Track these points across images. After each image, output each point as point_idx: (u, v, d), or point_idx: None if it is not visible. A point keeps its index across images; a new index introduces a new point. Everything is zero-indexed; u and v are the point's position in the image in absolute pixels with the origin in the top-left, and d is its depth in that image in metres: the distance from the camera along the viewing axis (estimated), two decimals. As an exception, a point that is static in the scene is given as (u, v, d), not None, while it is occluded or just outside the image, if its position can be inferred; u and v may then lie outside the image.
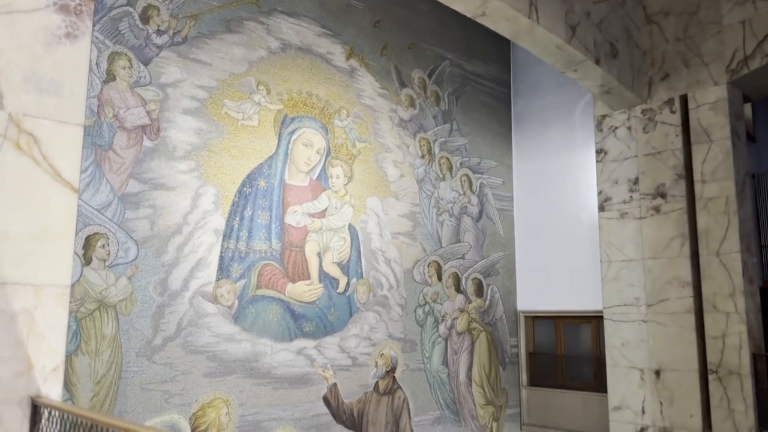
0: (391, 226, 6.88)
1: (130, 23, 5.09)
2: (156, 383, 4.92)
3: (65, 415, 1.77)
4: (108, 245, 4.73)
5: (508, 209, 8.39)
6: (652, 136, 6.63)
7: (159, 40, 5.22)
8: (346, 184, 6.52)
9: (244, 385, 5.45)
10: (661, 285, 6.36)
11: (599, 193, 6.99)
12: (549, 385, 7.98)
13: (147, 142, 5.06)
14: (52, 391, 1.99)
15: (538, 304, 8.13)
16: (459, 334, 7.44)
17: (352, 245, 6.47)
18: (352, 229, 6.50)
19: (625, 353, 6.54)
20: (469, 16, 5.13)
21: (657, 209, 6.49)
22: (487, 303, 7.85)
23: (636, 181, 6.69)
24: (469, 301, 7.61)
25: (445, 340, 7.27)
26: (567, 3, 5.68)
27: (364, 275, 6.52)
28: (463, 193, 7.78)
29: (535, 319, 8.28)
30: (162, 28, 5.24)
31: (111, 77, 4.93)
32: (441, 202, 7.49)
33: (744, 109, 6.73)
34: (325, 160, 6.38)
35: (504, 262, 8.20)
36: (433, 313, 7.17)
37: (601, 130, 7.07)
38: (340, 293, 6.28)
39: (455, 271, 7.51)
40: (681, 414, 6.04)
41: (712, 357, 5.92)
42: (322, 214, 6.26)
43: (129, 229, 4.88)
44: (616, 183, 6.84)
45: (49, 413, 1.86)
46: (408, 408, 6.74)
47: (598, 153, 7.06)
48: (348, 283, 6.36)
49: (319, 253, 6.15)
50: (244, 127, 5.76)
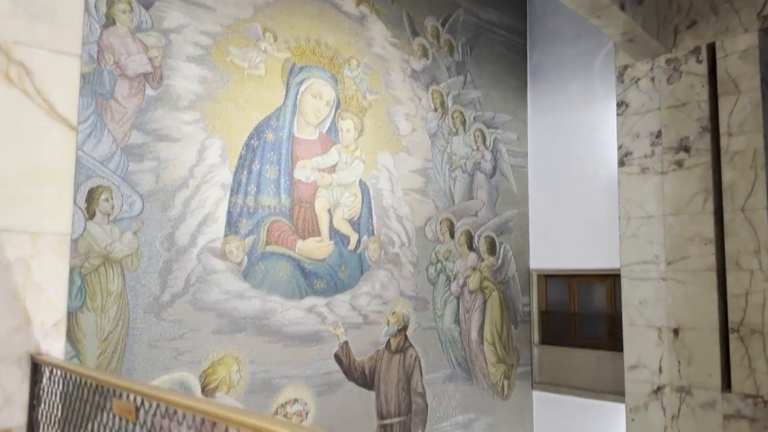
0: (402, 182, 6.66)
1: (128, -36, 4.80)
2: (164, 340, 4.80)
3: (68, 375, 1.61)
4: (111, 199, 4.55)
5: (522, 165, 8.15)
6: (677, 87, 6.34)
7: (160, -17, 4.93)
8: (357, 138, 6.28)
9: (255, 342, 5.34)
10: (682, 242, 6.16)
11: (619, 147, 6.73)
12: (561, 343, 7.88)
13: (150, 91, 4.83)
14: (54, 347, 1.83)
15: (551, 262, 7.97)
16: (471, 292, 7.30)
17: (363, 202, 6.27)
18: (362, 185, 6.29)
19: (643, 312, 6.39)
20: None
21: (680, 164, 6.24)
22: (499, 261, 7.69)
23: (658, 134, 6.42)
24: (482, 260, 7.45)
25: (457, 298, 7.14)
26: (592, -58, 5.34)
27: (376, 232, 6.35)
28: (477, 149, 7.54)
29: (548, 278, 8.13)
30: (163, -30, 4.94)
31: (110, 21, 4.66)
32: (454, 157, 7.25)
33: None
34: (335, 113, 6.13)
35: (517, 220, 8.00)
36: (445, 272, 7.02)
37: (622, 82, 6.77)
38: (351, 250, 6.11)
39: (468, 229, 7.33)
40: (699, 373, 5.92)
41: (733, 316, 5.76)
42: (332, 170, 6.05)
43: (133, 183, 4.69)
44: (638, 137, 6.58)
45: (51, 372, 1.69)
46: (420, 366, 6.64)
47: (619, 106, 6.78)
48: (359, 241, 6.18)
49: (329, 210, 5.96)
50: (250, 76, 5.51)
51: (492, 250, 7.59)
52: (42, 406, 1.75)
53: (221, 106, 5.28)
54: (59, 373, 1.65)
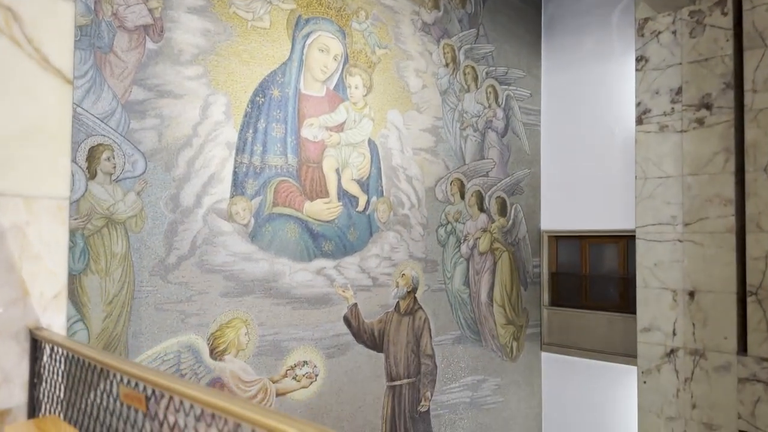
0: (412, 141, 6.46)
1: None
2: (171, 303, 4.69)
3: (71, 354, 1.47)
4: (113, 158, 4.37)
5: (534, 124, 7.91)
6: (700, 41, 6.06)
7: (158, -72, 4.64)
8: (366, 95, 6.05)
9: (263, 305, 5.23)
10: (700, 203, 5.99)
11: (637, 104, 6.49)
12: (571, 305, 7.79)
13: (150, 45, 4.59)
14: (55, 320, 1.69)
15: (563, 223, 7.81)
16: (481, 254, 7.17)
17: (372, 161, 6.08)
18: (371, 144, 6.09)
19: (658, 274, 6.26)
20: None
21: (701, 122, 6.02)
22: (510, 222, 7.53)
23: (679, 91, 6.17)
24: (492, 221, 7.30)
25: (467, 260, 7.01)
26: None
27: (385, 193, 6.18)
28: (489, 106, 7.30)
29: (559, 239, 7.99)
30: None
31: (106, -31, 4.40)
32: (465, 115, 7.02)
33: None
34: (343, 68, 5.88)
35: (528, 180, 7.81)
36: (455, 233, 6.87)
37: (642, 36, 6.48)
38: (360, 212, 5.95)
39: (478, 189, 7.15)
40: (715, 336, 5.82)
41: (752, 278, 5.62)
42: (340, 128, 5.84)
43: (135, 141, 4.50)
44: (657, 93, 6.33)
45: (52, 350, 1.55)
46: (429, 328, 6.56)
47: (638, 61, 6.50)
48: (368, 202, 6.02)
49: (337, 170, 5.78)
50: (254, 29, 5.25)
51: (503, 211, 7.42)
52: (43, 384, 1.62)
53: (225, 60, 5.04)
54: (61, 351, 1.51)
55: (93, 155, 4.29)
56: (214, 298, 4.95)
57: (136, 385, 1.19)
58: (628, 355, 6.91)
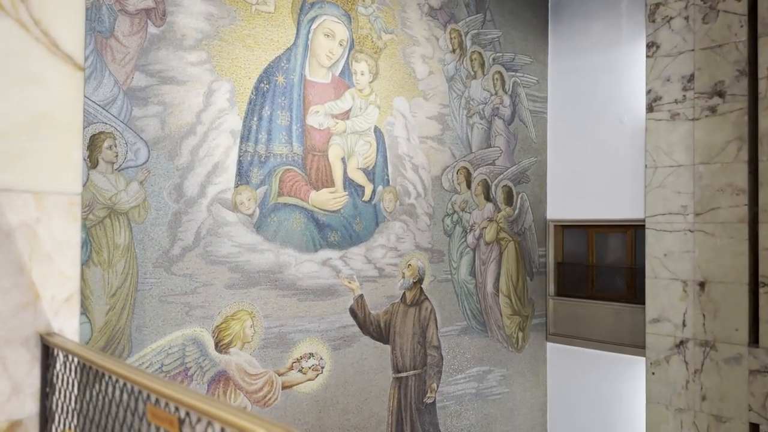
0: (419, 129, 6.33)
1: None
2: (175, 295, 4.58)
3: (87, 366, 1.35)
4: (115, 146, 4.24)
5: (541, 111, 7.78)
6: (713, 27, 5.93)
7: None
8: (371, 82, 5.91)
9: (269, 296, 5.13)
10: (712, 192, 5.89)
11: (648, 92, 6.37)
12: (577, 295, 7.71)
13: (152, 29, 4.44)
14: (67, 326, 1.57)
15: (569, 212, 7.71)
16: (487, 244, 7.07)
17: (378, 150, 5.95)
18: (377, 132, 5.96)
19: (668, 264, 6.17)
20: None
21: (713, 110, 5.90)
22: (516, 212, 7.42)
23: (691, 78, 6.05)
24: (498, 210, 7.19)
25: (473, 250, 6.91)
26: None
27: (391, 182, 6.06)
28: (495, 93, 7.16)
29: (565, 228, 7.89)
30: None
31: (106, -50, 4.24)
32: (472, 102, 6.88)
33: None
34: (349, 54, 5.74)
35: (535, 169, 7.69)
36: (461, 223, 6.77)
37: (653, 21, 6.34)
38: (366, 201, 5.84)
39: (485, 178, 7.03)
40: (725, 327, 5.75)
41: (764, 269, 5.54)
42: (346, 115, 5.70)
43: (137, 129, 4.36)
44: (668, 81, 6.21)
45: (66, 358, 1.43)
46: (435, 319, 6.48)
47: (649, 47, 6.37)
48: (374, 191, 5.90)
49: (343, 158, 5.66)
50: (258, 13, 5.10)
51: (509, 200, 7.32)
52: (56, 395, 1.51)
53: (229, 45, 4.90)
54: (75, 360, 1.40)
55: (94, 144, 4.16)
56: (219, 290, 4.84)
57: (167, 405, 1.08)
58: (636, 346, 6.84)
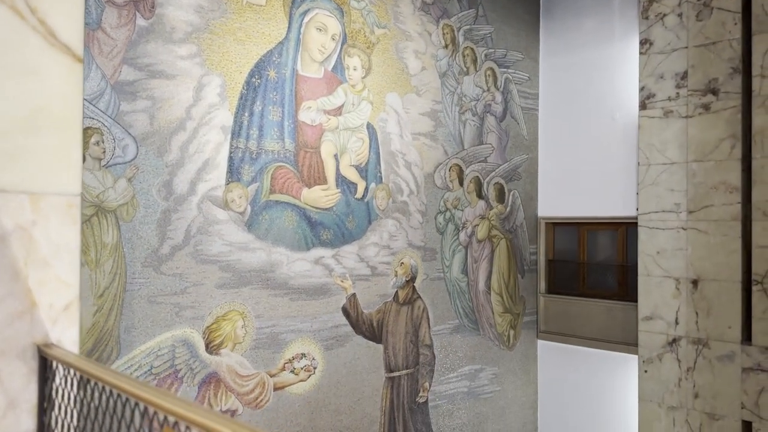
0: (411, 125, 6.24)
1: None
2: (165, 295, 4.46)
3: (88, 380, 1.25)
4: (102, 142, 4.10)
5: (533, 108, 7.73)
6: (707, 24, 5.91)
7: None
8: (364, 77, 5.81)
9: (260, 296, 5.02)
10: (705, 190, 5.88)
11: (641, 89, 6.34)
12: (568, 293, 7.68)
13: (141, 21, 4.30)
14: (66, 335, 1.46)
15: (560, 210, 7.68)
16: (479, 241, 7.01)
17: (370, 147, 5.86)
18: (370, 128, 5.86)
19: (660, 262, 6.16)
20: None
21: (707, 107, 5.89)
22: (508, 209, 7.37)
23: (684, 75, 6.03)
24: (490, 208, 7.13)
25: (466, 248, 6.85)
26: None
27: (384, 180, 5.97)
28: (488, 89, 7.10)
29: (556, 226, 7.86)
30: None
31: (93, -61, 4.09)
32: (464, 99, 6.81)
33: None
34: (341, 49, 5.63)
35: (526, 166, 7.65)
36: (453, 220, 6.70)
37: (646, 18, 6.32)
38: (359, 199, 5.74)
39: (477, 176, 6.97)
40: (718, 325, 5.75)
41: (757, 267, 5.54)
42: (339, 111, 5.60)
43: (126, 124, 4.23)
44: (662, 78, 6.19)
45: (66, 371, 1.32)
46: (427, 318, 6.41)
47: (642, 44, 6.34)
48: (366, 188, 5.81)
49: (335, 155, 5.55)
50: (249, 5, 4.98)
51: (501, 197, 7.26)
52: (55, 410, 1.41)
53: (219, 39, 4.77)
54: (76, 374, 1.29)
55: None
56: (210, 290, 4.72)
57: (176, 424, 0.99)
58: (628, 344, 6.83)
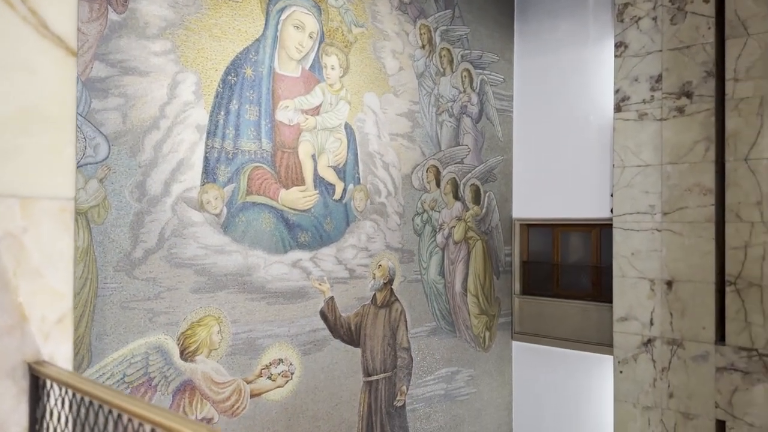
0: (389, 126, 6.17)
1: None
2: (138, 301, 4.29)
3: (83, 399, 1.13)
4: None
5: (508, 110, 7.74)
6: (681, 28, 5.99)
7: None
8: (342, 77, 5.72)
9: (237, 300, 4.88)
10: (680, 192, 5.95)
11: (616, 91, 6.39)
12: (543, 294, 7.71)
13: (113, 15, 4.13)
14: (58, 351, 1.34)
15: (535, 211, 7.70)
16: (456, 243, 6.98)
17: (348, 147, 5.77)
18: (348, 128, 5.77)
19: (635, 263, 6.21)
20: None
21: (681, 110, 5.96)
22: (483, 211, 7.36)
23: (659, 78, 6.10)
24: (467, 209, 7.11)
25: (443, 249, 6.81)
26: None
27: (362, 181, 5.88)
28: (464, 91, 7.07)
29: (531, 227, 7.88)
30: None
31: (62, -72, 3.90)
32: (441, 100, 6.77)
33: None
34: (319, 47, 5.53)
35: (501, 167, 7.65)
36: (431, 222, 6.65)
37: (621, 21, 6.37)
38: (337, 200, 5.64)
39: (453, 177, 6.93)
40: (693, 326, 5.82)
41: (731, 268, 5.63)
42: (316, 111, 5.49)
43: (97, 122, 4.04)
44: (636, 81, 6.24)
45: (63, 391, 1.20)
46: (405, 320, 6.34)
47: (617, 47, 6.40)
48: (345, 190, 5.71)
49: (313, 156, 5.44)
50: (226, 1, 4.83)
51: (477, 198, 7.25)
52: (46, 435, 1.28)
53: (195, 35, 4.62)
54: (72, 394, 1.17)
55: (49, 138, 3.82)
56: (185, 295, 4.56)
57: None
58: (602, 345, 6.89)
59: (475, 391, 7.22)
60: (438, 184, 6.72)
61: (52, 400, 1.27)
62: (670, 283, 5.98)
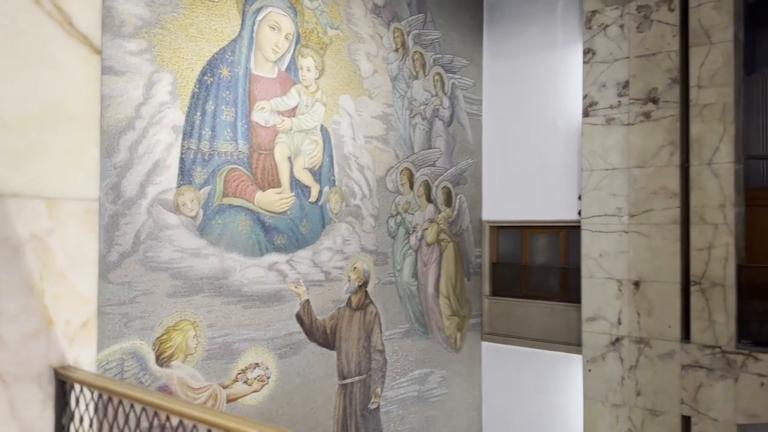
0: (364, 128, 6.17)
1: None
2: (113, 305, 4.18)
3: (122, 402, 1.10)
4: (46, 141, 3.78)
5: (477, 113, 7.84)
6: (647, 36, 6.18)
7: None
8: (318, 79, 5.70)
9: (213, 304, 4.80)
10: (646, 195, 6.14)
11: (584, 97, 6.55)
12: (512, 295, 7.83)
13: (88, 12, 4.01)
14: (83, 355, 1.29)
15: (504, 213, 7.81)
16: (429, 245, 7.02)
17: (324, 149, 5.75)
18: (324, 130, 5.75)
19: (603, 264, 6.37)
20: None
21: (647, 115, 6.15)
22: (455, 213, 7.43)
23: (626, 84, 6.28)
24: (439, 211, 7.17)
25: (416, 251, 6.85)
26: None
27: (337, 183, 5.87)
28: (436, 94, 7.13)
29: (500, 229, 8.00)
30: None
31: None
32: (414, 103, 6.81)
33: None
34: (295, 49, 5.49)
35: (472, 170, 7.74)
36: (404, 224, 6.68)
37: (590, 28, 6.53)
38: (313, 203, 5.62)
39: (426, 179, 6.98)
40: (659, 325, 6.00)
41: (695, 269, 5.83)
42: (292, 113, 5.46)
43: (71, 122, 3.92)
44: (604, 86, 6.41)
45: (99, 396, 1.15)
46: (379, 322, 6.35)
47: (586, 53, 6.56)
48: (320, 192, 5.69)
49: (289, 158, 5.41)
50: (202, 1, 4.76)
51: (448, 201, 7.31)
52: (74, 442, 1.24)
53: (171, 34, 4.53)
54: (99, 396, 1.13)
55: (22, 138, 3.69)
56: (160, 299, 4.47)
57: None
58: (570, 344, 7.03)
59: (447, 392, 7.28)
60: (411, 187, 6.76)
61: (82, 405, 1.22)
62: (637, 284, 6.15)
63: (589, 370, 6.46)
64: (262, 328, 5.17)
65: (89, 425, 1.23)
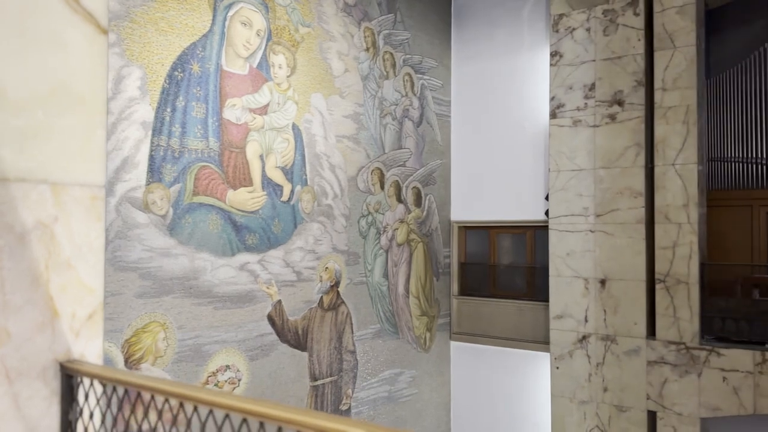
0: (335, 127, 6.13)
1: None
2: (79, 308, 4.02)
3: (140, 394, 1.04)
4: (11, 136, 3.62)
5: (446, 114, 7.88)
6: (613, 39, 6.32)
7: None
8: (289, 76, 5.63)
9: (183, 305, 4.69)
10: (612, 195, 6.26)
11: (551, 99, 6.65)
12: (480, 294, 7.89)
13: (55, 2, 3.87)
14: (89, 349, 1.22)
15: (472, 214, 7.87)
16: (399, 245, 7.02)
17: (296, 148, 5.68)
18: (296, 129, 5.69)
19: (570, 263, 6.48)
20: None
21: (613, 117, 6.29)
22: (424, 213, 7.45)
23: (592, 87, 6.41)
24: (409, 212, 7.17)
25: (386, 251, 6.83)
26: None
27: (309, 182, 5.81)
28: (405, 95, 7.14)
29: (468, 229, 8.05)
30: None
31: None
32: (384, 103, 6.80)
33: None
34: (266, 46, 5.42)
35: (441, 171, 7.78)
36: (375, 224, 6.66)
37: (557, 31, 6.64)
38: (284, 202, 5.54)
39: (396, 180, 6.98)
40: (625, 322, 6.13)
41: (660, 267, 5.98)
42: (264, 110, 5.38)
43: (37, 116, 3.77)
44: (571, 89, 6.53)
45: (109, 390, 1.08)
46: (351, 323, 6.31)
47: (553, 56, 6.66)
48: (292, 191, 5.62)
49: (261, 156, 5.33)
50: (173, -5, 4.65)
51: (418, 201, 7.33)
52: (83, 439, 1.16)
53: (140, 28, 4.41)
54: (109, 390, 1.07)
55: (-15, 132, 3.53)
56: (129, 300, 4.34)
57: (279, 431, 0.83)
58: (538, 342, 7.12)
59: (416, 392, 7.28)
60: (382, 187, 6.75)
61: (92, 400, 1.15)
62: (603, 282, 6.27)
63: (557, 368, 6.55)
64: (233, 329, 5.07)
65: (101, 421, 1.17)
